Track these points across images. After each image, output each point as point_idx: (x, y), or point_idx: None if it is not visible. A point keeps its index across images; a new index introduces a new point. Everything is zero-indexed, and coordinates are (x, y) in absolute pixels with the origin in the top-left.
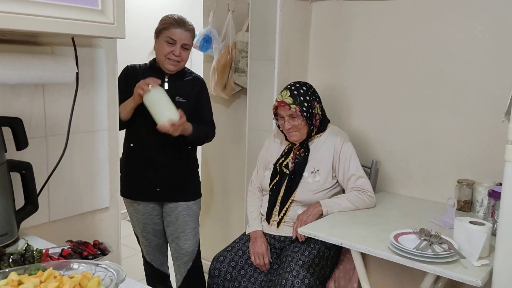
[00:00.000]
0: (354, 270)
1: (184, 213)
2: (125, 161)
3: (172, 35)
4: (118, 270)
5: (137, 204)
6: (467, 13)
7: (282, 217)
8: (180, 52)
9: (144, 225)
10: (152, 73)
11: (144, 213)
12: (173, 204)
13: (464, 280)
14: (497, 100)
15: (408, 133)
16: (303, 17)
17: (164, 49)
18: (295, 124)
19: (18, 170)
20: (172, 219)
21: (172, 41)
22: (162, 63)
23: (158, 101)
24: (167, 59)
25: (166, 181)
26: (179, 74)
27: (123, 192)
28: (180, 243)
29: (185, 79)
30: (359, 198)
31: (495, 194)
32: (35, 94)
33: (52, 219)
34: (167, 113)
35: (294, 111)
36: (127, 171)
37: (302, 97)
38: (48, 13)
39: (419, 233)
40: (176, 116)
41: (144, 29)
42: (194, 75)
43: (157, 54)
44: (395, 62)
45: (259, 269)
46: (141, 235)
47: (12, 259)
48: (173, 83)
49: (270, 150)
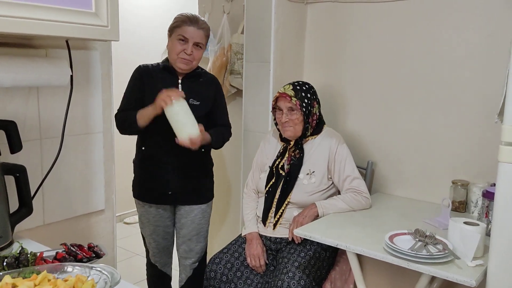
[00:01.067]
0: (350, 271)
1: (200, 216)
2: (137, 163)
3: (184, 32)
4: (113, 272)
5: (148, 206)
6: (461, 15)
7: (278, 219)
8: (192, 50)
9: (155, 227)
10: (165, 73)
11: (156, 215)
12: (187, 207)
13: (459, 280)
14: (490, 101)
15: (403, 134)
16: (298, 19)
17: (176, 48)
18: (292, 118)
19: (12, 173)
20: (187, 221)
21: (184, 39)
22: (174, 62)
23: (180, 115)
24: (179, 57)
25: (179, 185)
26: (194, 76)
27: (136, 194)
28: (191, 244)
29: (200, 80)
30: (354, 199)
31: (489, 195)
32: (29, 97)
33: (46, 222)
34: (187, 128)
35: (294, 104)
36: (140, 173)
37: (304, 93)
38: (42, 16)
39: (414, 234)
40: (196, 131)
41: (137, 27)
42: (209, 76)
43: (169, 52)
44: (390, 64)
45: (255, 270)
46: (150, 237)
47: (6, 262)
48: (187, 85)
49: (265, 152)
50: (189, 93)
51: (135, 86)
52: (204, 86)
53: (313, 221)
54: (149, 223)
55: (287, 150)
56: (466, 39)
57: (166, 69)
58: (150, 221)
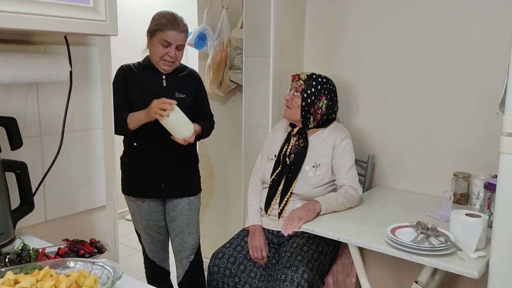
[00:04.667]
0: (352, 264)
1: (187, 207)
2: (127, 159)
3: (167, 38)
4: (115, 267)
5: (141, 202)
6: (461, 8)
7: (282, 210)
8: (175, 53)
9: (147, 221)
10: (148, 71)
11: (147, 210)
12: (176, 200)
13: (461, 272)
14: (491, 93)
15: (404, 127)
16: (298, 13)
17: (159, 51)
18: (293, 99)
19: (13, 169)
20: (176, 214)
21: (167, 44)
22: (157, 64)
23: (176, 123)
24: (162, 60)
25: (170, 177)
26: (176, 71)
27: (125, 190)
28: (184, 237)
29: (181, 75)
30: (348, 194)
31: (491, 187)
32: (29, 93)
33: (48, 219)
34: (183, 132)
35: (299, 86)
36: (130, 169)
37: (314, 82)
38: (40, 11)
39: (415, 226)
40: (191, 132)
41: (136, 24)
42: (189, 69)
43: (151, 54)
44: (390, 58)
45: (257, 262)
46: (143, 232)
47: (8, 259)
48: (170, 80)
49: (273, 141)
50: (174, 87)
51: (119, 86)
52: (187, 79)
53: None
54: (141, 218)
55: (291, 136)
56: (467, 31)
57: (149, 67)
58: (142, 216)
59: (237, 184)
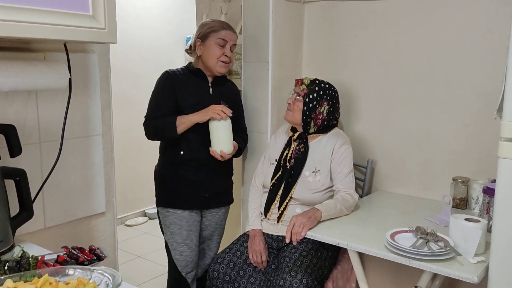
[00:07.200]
0: (352, 270)
1: (222, 217)
2: (169, 170)
3: (223, 36)
4: (114, 275)
5: (181, 211)
6: (459, 12)
7: (281, 214)
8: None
9: (188, 232)
10: (194, 77)
11: (189, 220)
12: (215, 209)
13: (461, 277)
14: (490, 98)
15: (403, 132)
16: (296, 19)
17: (216, 52)
18: (294, 102)
19: (12, 177)
20: (211, 223)
21: (223, 42)
22: (214, 66)
23: (223, 131)
24: (219, 61)
25: (214, 187)
26: (221, 79)
27: (164, 202)
28: (211, 244)
29: (226, 85)
30: (346, 201)
31: (490, 191)
32: (28, 101)
33: (47, 226)
34: (224, 144)
35: (301, 90)
36: (172, 179)
37: (317, 87)
38: (40, 19)
39: (415, 231)
40: (230, 149)
41: (137, 29)
42: (230, 81)
43: (207, 58)
44: (389, 62)
45: (257, 267)
46: (183, 243)
47: (7, 266)
48: (217, 89)
49: (276, 143)
50: (220, 96)
51: (165, 92)
52: (231, 89)
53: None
54: (182, 229)
55: (291, 141)
56: (465, 36)
57: (195, 73)
58: (183, 227)
59: (236, 189)
